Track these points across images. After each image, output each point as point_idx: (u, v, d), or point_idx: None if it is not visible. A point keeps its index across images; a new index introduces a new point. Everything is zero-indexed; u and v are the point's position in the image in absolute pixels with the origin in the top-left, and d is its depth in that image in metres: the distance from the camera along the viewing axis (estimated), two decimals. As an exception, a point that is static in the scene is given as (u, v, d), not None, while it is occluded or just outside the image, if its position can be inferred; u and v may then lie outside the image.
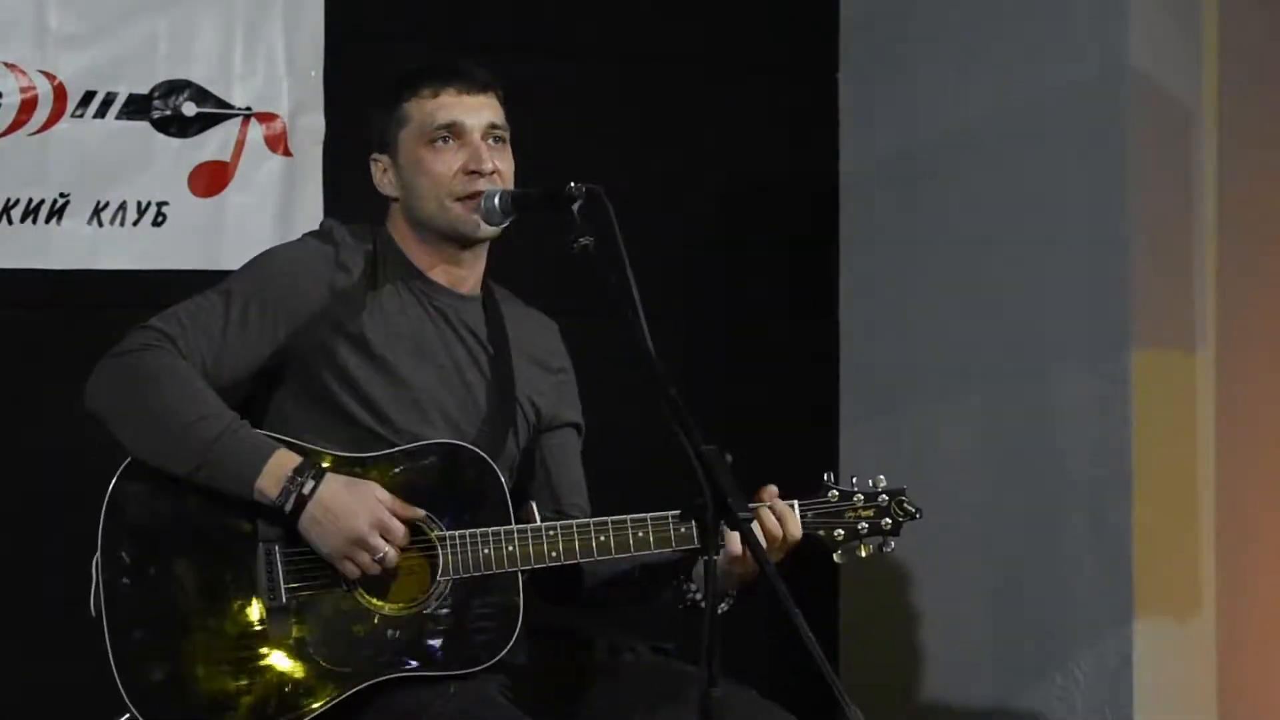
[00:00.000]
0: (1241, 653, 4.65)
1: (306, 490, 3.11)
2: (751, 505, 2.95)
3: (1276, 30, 4.72)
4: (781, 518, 3.23)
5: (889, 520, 3.34)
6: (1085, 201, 4.66)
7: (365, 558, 3.13)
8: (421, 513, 3.18)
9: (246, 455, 3.12)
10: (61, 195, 4.22)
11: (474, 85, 3.36)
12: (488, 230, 3.33)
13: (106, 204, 4.26)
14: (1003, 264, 4.83)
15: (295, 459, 3.13)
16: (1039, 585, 4.71)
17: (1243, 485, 4.66)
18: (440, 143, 3.33)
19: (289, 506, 3.11)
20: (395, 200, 3.39)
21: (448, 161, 3.32)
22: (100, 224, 4.26)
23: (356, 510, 3.12)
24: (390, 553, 3.14)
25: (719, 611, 3.19)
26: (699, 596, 3.25)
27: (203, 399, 3.15)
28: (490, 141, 3.34)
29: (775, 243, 5.15)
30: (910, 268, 5.05)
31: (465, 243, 3.36)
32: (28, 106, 4.18)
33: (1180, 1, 4.64)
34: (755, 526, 3.04)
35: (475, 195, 3.30)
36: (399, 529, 3.15)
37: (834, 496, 3.33)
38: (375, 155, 3.40)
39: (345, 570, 3.14)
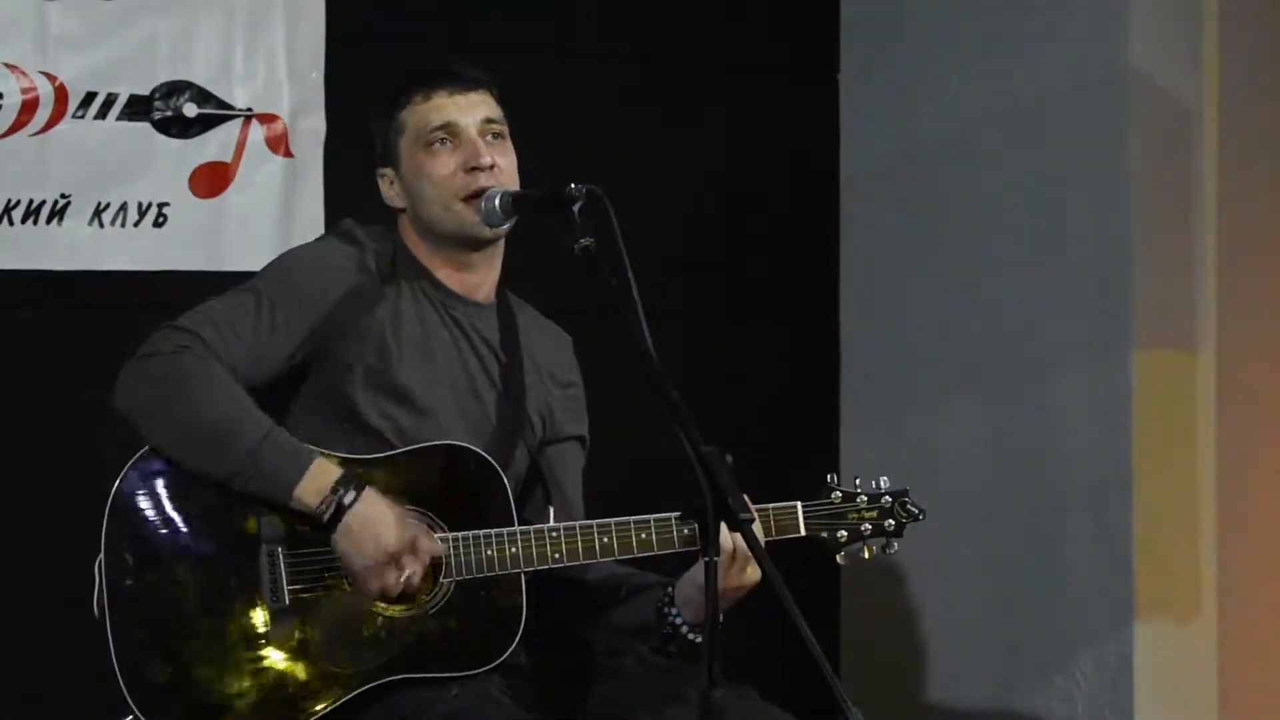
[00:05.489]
0: (1242, 654, 4.65)
1: (347, 501, 3.11)
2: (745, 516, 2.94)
3: (1276, 32, 4.72)
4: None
5: (892, 521, 3.34)
6: (1086, 203, 4.66)
7: (394, 575, 3.12)
8: (441, 548, 3.17)
9: (286, 464, 3.12)
10: (62, 196, 4.22)
11: (465, 84, 3.36)
12: (490, 231, 3.33)
13: (107, 205, 4.26)
14: (1003, 265, 4.83)
15: (336, 470, 3.14)
16: (1040, 587, 4.71)
17: (1243, 487, 4.66)
18: (438, 145, 3.33)
19: (327, 516, 3.11)
20: (403, 211, 3.39)
21: (447, 162, 3.32)
22: (101, 225, 4.26)
23: (392, 526, 3.12)
24: (418, 572, 3.13)
25: (699, 642, 3.20)
26: (679, 621, 3.24)
27: (240, 405, 3.15)
28: (489, 138, 3.34)
29: (776, 244, 5.15)
30: (911, 269, 5.05)
31: (473, 245, 3.36)
32: (29, 107, 4.18)
33: (1181, 4, 4.64)
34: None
35: (479, 193, 3.30)
36: (425, 550, 3.14)
37: (837, 498, 3.33)
38: (381, 170, 3.40)
39: (369, 586, 3.13)
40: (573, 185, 3.12)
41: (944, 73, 4.97)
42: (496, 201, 3.29)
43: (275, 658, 3.14)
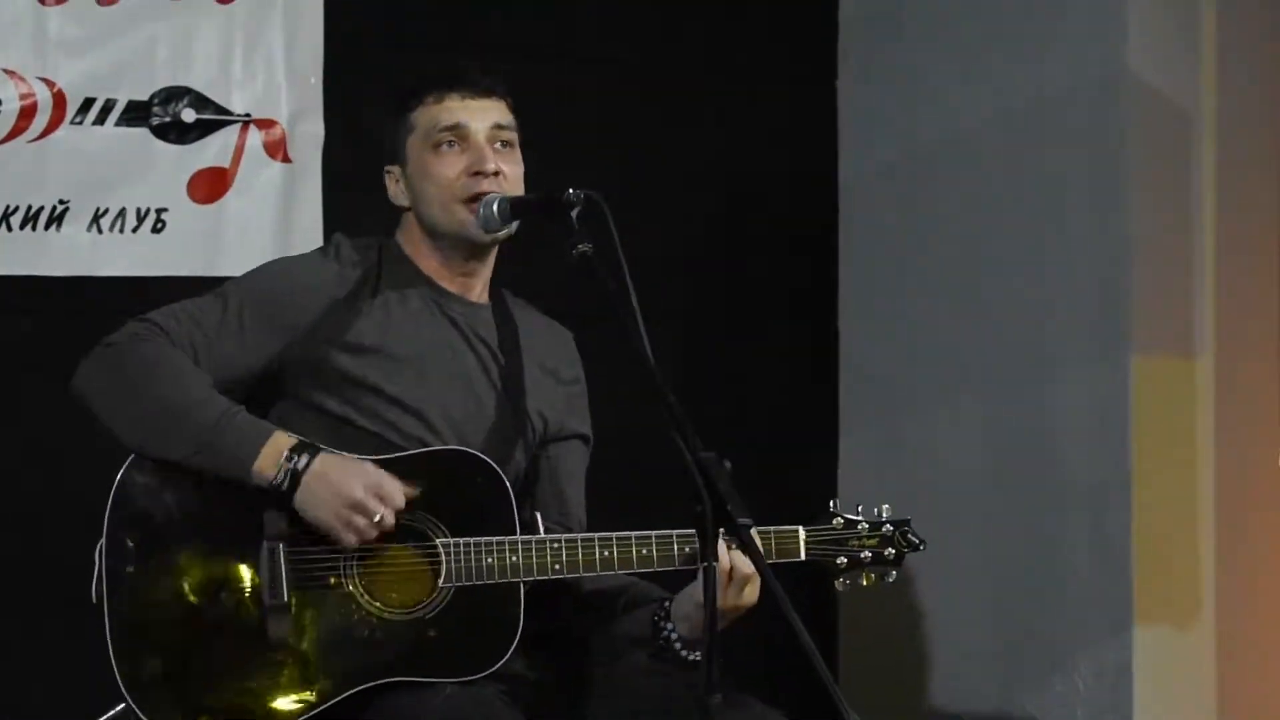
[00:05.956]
0: (1241, 659, 4.64)
1: (300, 465, 3.11)
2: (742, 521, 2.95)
3: (1275, 34, 4.72)
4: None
5: (892, 550, 3.36)
6: (1085, 207, 4.66)
7: (362, 521, 3.12)
8: (415, 491, 3.17)
9: (245, 438, 3.13)
10: (61, 202, 4.23)
11: (478, 90, 3.37)
12: (490, 236, 3.34)
13: (106, 210, 4.27)
14: (1002, 270, 4.83)
15: (291, 439, 3.14)
16: (1039, 591, 4.71)
17: (1242, 491, 4.65)
18: (445, 146, 3.34)
19: (285, 484, 3.11)
20: (407, 209, 3.40)
21: (452, 164, 3.33)
22: (99, 231, 4.26)
23: (351, 477, 3.13)
24: (388, 516, 3.14)
25: (692, 660, 3.21)
26: (674, 636, 3.25)
27: (197, 384, 3.17)
28: (497, 145, 3.35)
29: (775, 249, 5.15)
30: (910, 273, 5.04)
31: (472, 251, 3.37)
32: (27, 113, 4.19)
33: (1179, 5, 4.63)
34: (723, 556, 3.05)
35: (479, 196, 3.31)
36: (395, 493, 3.14)
37: (839, 524, 3.35)
38: (388, 167, 3.42)
39: (344, 539, 3.13)
40: (571, 190, 3.13)
41: (943, 75, 4.96)
42: (495, 206, 3.30)
43: (270, 654, 3.14)
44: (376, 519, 3.13)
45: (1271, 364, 4.71)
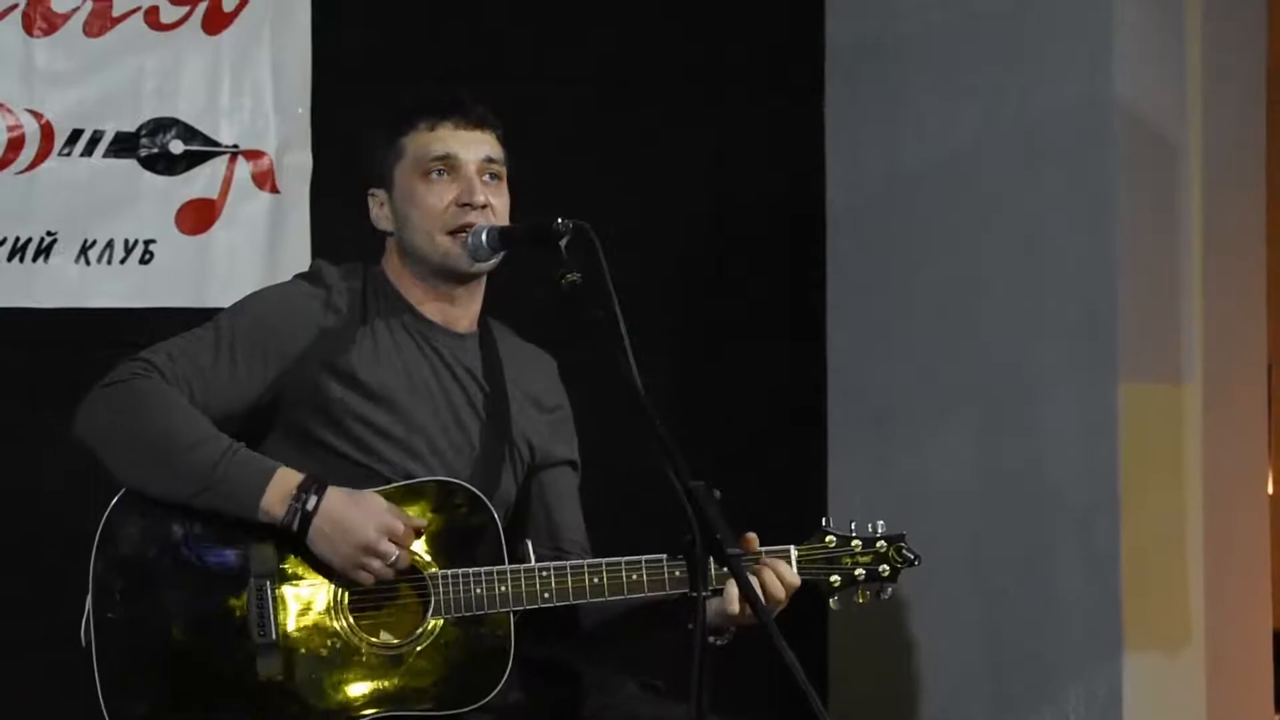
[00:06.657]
0: (1230, 683, 4.64)
1: (310, 506, 3.11)
2: (745, 556, 2.96)
3: (1260, 60, 4.73)
4: (780, 575, 3.20)
5: (886, 567, 3.32)
6: (1072, 231, 4.66)
7: (377, 564, 3.13)
8: (423, 521, 3.18)
9: (250, 476, 3.12)
10: (49, 234, 4.23)
11: (471, 120, 3.36)
12: (477, 266, 3.34)
13: (94, 242, 4.27)
14: (990, 292, 4.82)
15: (298, 476, 3.13)
16: (1028, 617, 4.70)
17: (1230, 516, 4.65)
18: (435, 175, 3.33)
19: (295, 524, 3.11)
20: (391, 235, 3.39)
21: (440, 194, 3.33)
22: (87, 262, 4.27)
23: (363, 519, 3.13)
24: (402, 555, 3.14)
25: (719, 645, 3.19)
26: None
27: (197, 423, 3.16)
28: (486, 177, 3.35)
29: (762, 271, 5.15)
30: (898, 296, 5.04)
31: (458, 278, 3.36)
32: (15, 145, 4.20)
33: (1165, 32, 4.64)
34: (754, 583, 3.04)
35: (465, 228, 3.31)
36: (407, 532, 3.15)
37: (831, 542, 3.31)
38: (372, 190, 3.40)
39: (359, 579, 3.14)
40: (559, 220, 3.12)
41: (930, 100, 4.96)
42: (484, 236, 3.30)
43: (261, 692, 3.14)
44: (391, 560, 3.14)
45: (1258, 389, 4.72)
